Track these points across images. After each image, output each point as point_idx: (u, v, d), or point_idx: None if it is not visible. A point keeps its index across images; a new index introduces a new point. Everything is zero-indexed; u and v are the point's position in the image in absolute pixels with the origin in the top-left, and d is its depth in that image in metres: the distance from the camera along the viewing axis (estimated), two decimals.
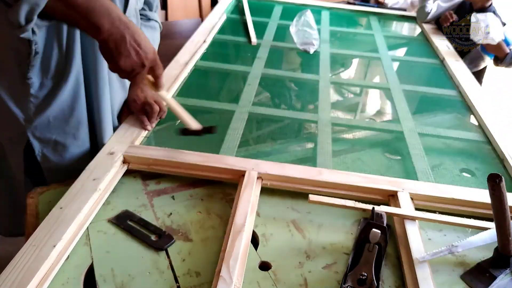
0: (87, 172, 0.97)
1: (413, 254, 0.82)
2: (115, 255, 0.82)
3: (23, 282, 0.71)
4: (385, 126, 1.33)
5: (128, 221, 0.89)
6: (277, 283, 0.78)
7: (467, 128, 1.36)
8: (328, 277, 0.80)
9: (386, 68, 1.72)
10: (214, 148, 1.14)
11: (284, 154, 1.26)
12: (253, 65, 1.65)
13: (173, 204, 0.96)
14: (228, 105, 1.37)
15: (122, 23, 0.86)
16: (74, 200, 0.88)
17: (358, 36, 2.24)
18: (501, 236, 0.79)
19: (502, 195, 0.75)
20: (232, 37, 1.98)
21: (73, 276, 0.77)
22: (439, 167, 1.16)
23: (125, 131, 1.14)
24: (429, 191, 0.99)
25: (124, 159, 1.04)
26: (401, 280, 0.80)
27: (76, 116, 1.07)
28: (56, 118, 1.04)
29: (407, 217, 0.90)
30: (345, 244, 0.88)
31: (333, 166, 1.10)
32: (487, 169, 1.16)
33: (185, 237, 0.87)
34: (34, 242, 0.79)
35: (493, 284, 0.79)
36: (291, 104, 1.73)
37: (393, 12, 2.43)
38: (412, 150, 1.19)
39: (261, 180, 1.01)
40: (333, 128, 1.29)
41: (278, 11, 2.28)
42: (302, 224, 0.92)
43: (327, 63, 1.73)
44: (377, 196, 0.99)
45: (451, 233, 0.92)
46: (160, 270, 0.79)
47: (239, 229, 0.84)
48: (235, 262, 0.77)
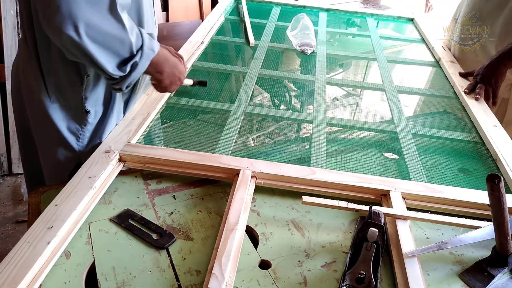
0: (83, 170, 0.98)
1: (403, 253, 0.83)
2: (116, 254, 0.83)
3: (16, 278, 0.71)
4: (380, 127, 1.34)
5: (129, 220, 0.90)
6: (277, 281, 0.79)
7: (461, 128, 1.37)
8: (327, 275, 0.81)
9: (381, 69, 1.73)
10: (209, 148, 1.15)
11: (278, 153, 1.26)
12: (250, 66, 1.65)
13: (174, 203, 0.96)
14: (224, 105, 1.38)
15: (172, 62, 1.13)
16: (69, 198, 0.89)
17: (355, 37, 2.25)
18: (499, 236, 0.80)
19: (500, 195, 0.76)
20: (230, 38, 1.99)
21: (75, 275, 0.78)
22: (432, 167, 1.18)
23: (121, 129, 1.15)
24: (421, 190, 1.00)
25: (120, 157, 1.05)
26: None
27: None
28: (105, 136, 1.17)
29: (399, 216, 0.91)
30: (344, 243, 0.89)
31: (327, 166, 1.11)
32: (480, 169, 1.17)
33: (186, 236, 0.88)
34: (29, 239, 0.79)
35: (492, 283, 0.80)
36: (287, 104, 1.74)
37: (390, 13, 2.44)
38: (406, 150, 1.20)
39: (255, 179, 1.02)
40: (328, 128, 1.30)
41: (276, 12, 2.29)
42: (301, 223, 0.93)
43: (324, 64, 1.74)
44: (369, 195, 1.00)
45: (448, 232, 0.93)
46: (161, 269, 0.80)
47: (232, 227, 0.85)
48: (227, 259, 0.78)
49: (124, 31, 0.93)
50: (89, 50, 0.90)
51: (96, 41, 0.90)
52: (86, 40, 0.88)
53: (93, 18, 0.87)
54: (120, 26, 0.92)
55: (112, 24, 0.90)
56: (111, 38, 0.92)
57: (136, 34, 0.97)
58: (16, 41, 2.40)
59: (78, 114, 1.13)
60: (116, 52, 0.95)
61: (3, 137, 2.47)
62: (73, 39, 0.87)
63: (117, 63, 0.97)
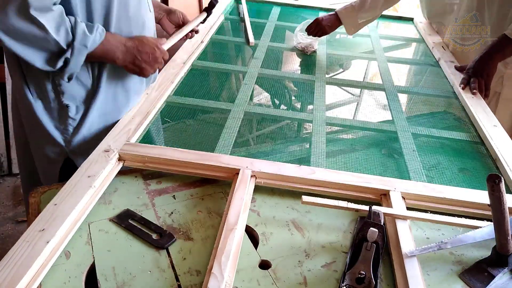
0: (82, 169, 0.98)
1: (403, 253, 0.83)
2: (116, 254, 0.82)
3: (15, 278, 0.71)
4: (380, 126, 1.34)
5: (129, 220, 0.90)
6: (277, 281, 0.79)
7: (460, 128, 1.37)
8: (327, 275, 0.81)
9: (381, 69, 1.73)
10: (209, 147, 1.15)
11: (278, 153, 1.26)
12: (250, 65, 1.65)
13: (174, 203, 0.96)
14: (224, 104, 1.38)
15: (129, 47, 1.13)
16: (69, 197, 0.89)
17: (355, 37, 2.25)
18: (499, 236, 0.80)
19: (501, 196, 0.76)
20: (230, 38, 1.99)
21: (75, 275, 0.78)
22: (432, 167, 1.18)
23: (120, 128, 1.15)
24: (420, 190, 1.00)
25: (119, 156, 1.05)
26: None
27: (105, 122, 1.22)
28: (91, 134, 1.20)
29: (399, 216, 0.91)
30: (344, 243, 0.89)
31: (327, 165, 1.12)
32: (480, 169, 1.18)
33: (186, 236, 0.88)
34: (28, 238, 0.79)
35: (492, 283, 0.80)
36: (287, 104, 1.74)
37: (390, 13, 2.44)
38: (405, 150, 1.20)
39: (255, 178, 1.02)
40: (328, 127, 1.30)
41: (276, 12, 2.29)
42: (301, 224, 0.93)
43: (324, 63, 1.74)
44: (369, 195, 1.00)
45: (449, 232, 0.93)
46: (161, 269, 0.80)
47: (232, 227, 0.85)
48: (227, 259, 0.78)
49: (42, 30, 0.98)
50: (12, 48, 0.98)
51: (17, 39, 0.97)
52: (6, 39, 0.96)
53: (7, 19, 0.94)
54: (36, 26, 0.97)
55: (26, 25, 0.96)
56: (31, 37, 0.98)
57: (65, 30, 1.01)
58: None
59: (59, 110, 1.16)
60: (41, 48, 1.01)
61: (2, 137, 2.46)
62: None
63: (45, 58, 1.03)
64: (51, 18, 0.98)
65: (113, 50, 1.11)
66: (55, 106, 1.15)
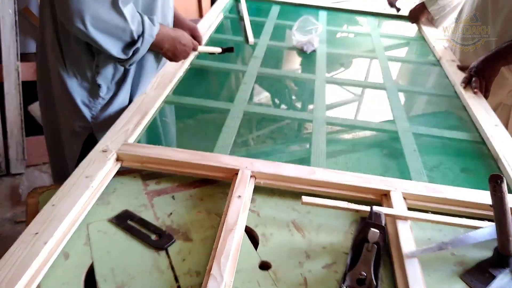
0: (80, 169, 0.97)
1: (404, 253, 0.82)
2: (115, 255, 0.82)
3: (13, 279, 0.71)
4: (380, 126, 1.34)
5: (128, 221, 0.89)
6: (277, 282, 0.78)
7: (462, 128, 1.37)
8: (328, 276, 0.80)
9: (382, 68, 1.72)
10: (208, 147, 1.14)
11: (278, 153, 1.26)
12: (249, 64, 1.65)
13: (173, 204, 0.96)
14: (223, 104, 1.37)
15: (174, 38, 1.33)
16: (66, 198, 0.88)
17: (356, 36, 2.25)
18: (501, 236, 0.80)
19: (503, 196, 0.75)
20: (229, 36, 1.98)
21: (74, 276, 0.77)
22: (433, 167, 1.17)
23: (118, 129, 1.14)
24: (421, 190, 0.99)
25: (117, 157, 1.04)
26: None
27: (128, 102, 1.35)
28: (116, 112, 1.31)
29: (399, 217, 0.91)
30: (345, 244, 0.88)
31: (327, 165, 1.11)
32: (482, 169, 1.17)
33: (185, 236, 0.87)
34: (25, 239, 0.78)
35: (493, 283, 0.80)
36: (287, 103, 1.73)
37: (391, 12, 2.43)
38: (406, 150, 1.20)
39: (254, 178, 1.01)
40: (328, 127, 1.30)
41: (276, 11, 2.28)
42: (302, 224, 0.92)
43: (324, 62, 1.73)
44: (370, 195, 1.00)
45: (450, 232, 0.93)
46: (160, 270, 0.79)
47: (231, 227, 0.84)
48: (226, 260, 0.77)
49: (125, 21, 1.11)
50: (95, 38, 1.10)
51: (101, 30, 1.10)
52: (92, 30, 1.08)
53: (97, 12, 1.06)
54: (121, 18, 1.10)
55: (114, 17, 1.09)
56: (114, 28, 1.11)
57: (137, 22, 1.15)
58: (14, 41, 2.37)
59: (91, 89, 1.28)
60: (119, 39, 1.15)
61: (0, 138, 2.45)
62: (81, 29, 1.08)
63: (121, 47, 1.17)
64: (130, 11, 1.12)
65: (163, 41, 1.27)
66: (89, 85, 1.27)
